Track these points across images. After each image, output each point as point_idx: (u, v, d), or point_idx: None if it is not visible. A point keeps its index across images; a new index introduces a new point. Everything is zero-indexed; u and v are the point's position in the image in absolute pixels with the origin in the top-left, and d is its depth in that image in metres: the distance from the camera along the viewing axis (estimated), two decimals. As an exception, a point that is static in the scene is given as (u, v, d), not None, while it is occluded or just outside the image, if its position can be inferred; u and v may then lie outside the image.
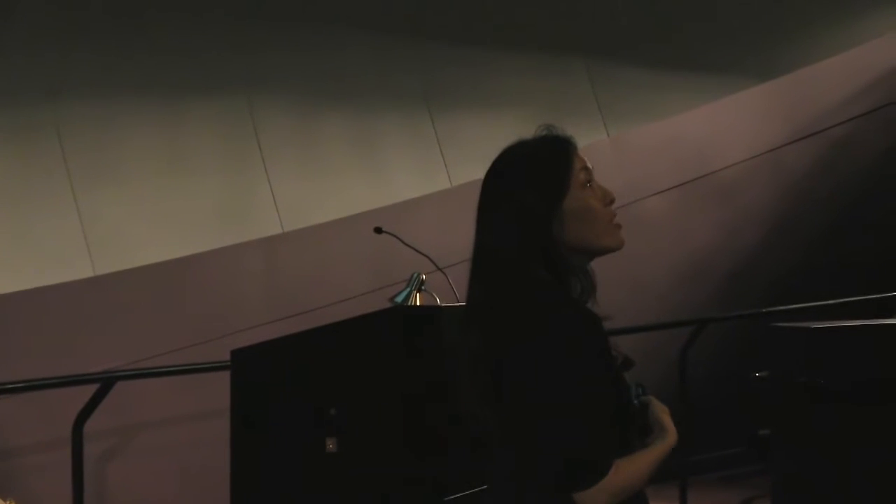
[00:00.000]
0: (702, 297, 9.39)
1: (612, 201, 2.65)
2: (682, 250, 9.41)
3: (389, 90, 8.55)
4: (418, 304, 5.63)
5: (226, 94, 8.01)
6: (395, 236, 6.03)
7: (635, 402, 2.67)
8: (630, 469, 2.50)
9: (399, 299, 5.67)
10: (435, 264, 5.82)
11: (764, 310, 8.63)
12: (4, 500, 2.59)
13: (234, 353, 5.07)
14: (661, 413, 2.69)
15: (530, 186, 2.60)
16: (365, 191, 8.34)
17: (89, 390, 6.30)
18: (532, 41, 9.14)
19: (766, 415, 6.05)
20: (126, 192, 7.68)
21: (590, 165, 2.66)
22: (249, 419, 5.07)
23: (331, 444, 5.02)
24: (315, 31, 8.38)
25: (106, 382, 6.35)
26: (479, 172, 8.90)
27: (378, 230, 6.05)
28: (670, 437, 2.65)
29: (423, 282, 5.69)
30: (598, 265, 2.60)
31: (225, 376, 4.98)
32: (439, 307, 5.33)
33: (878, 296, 8.69)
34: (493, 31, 9.04)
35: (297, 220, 8.08)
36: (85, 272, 7.49)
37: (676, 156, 9.39)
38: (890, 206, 10.29)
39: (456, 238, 8.59)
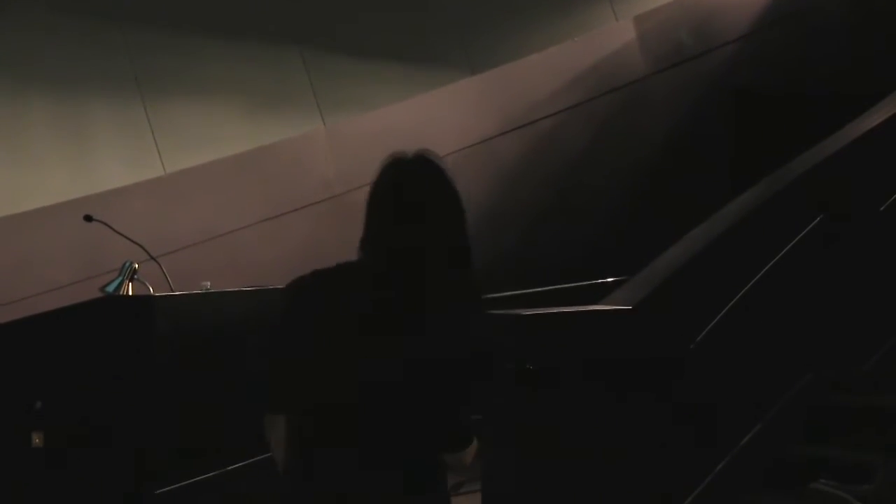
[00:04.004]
0: (416, 285, 9.51)
1: None
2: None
3: (97, 75, 8.33)
4: (130, 293, 5.54)
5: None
6: (105, 224, 5.90)
7: None
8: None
9: (110, 289, 5.57)
10: (148, 253, 5.72)
11: (475, 297, 8.81)
12: None
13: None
14: None
15: None
16: (71, 178, 8.11)
17: None
18: (248, 30, 9.08)
19: (478, 400, 6.16)
20: None
21: None
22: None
23: (37, 439, 4.89)
24: (15, 14, 8.08)
25: None
26: (195, 160, 8.81)
27: (88, 218, 5.91)
28: None
29: (135, 271, 5.60)
30: (310, 254, 2.62)
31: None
32: (153, 296, 5.25)
33: (587, 283, 8.99)
34: (207, 18, 8.93)
35: (2, 207, 7.78)
36: None
37: (390, 145, 9.34)
38: (596, 194, 10.68)
39: (171, 226, 8.50)
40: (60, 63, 8.20)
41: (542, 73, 10.35)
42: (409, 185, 2.97)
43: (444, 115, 9.85)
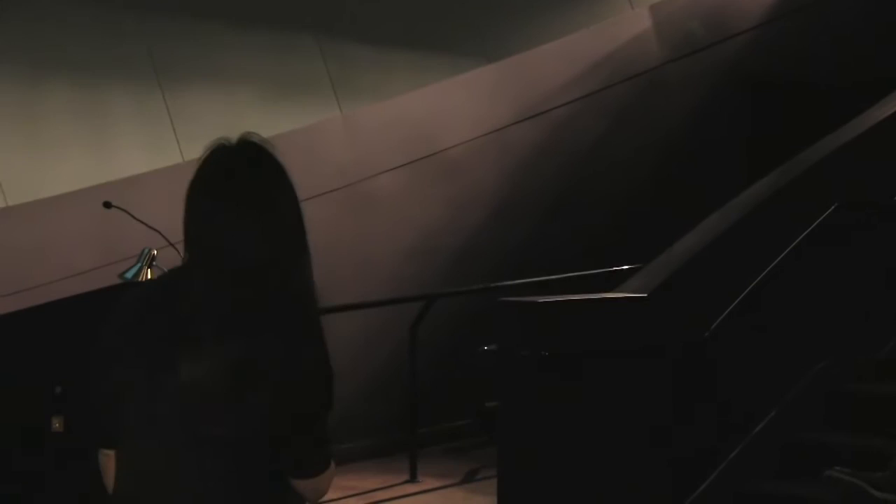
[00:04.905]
0: (430, 273, 9.57)
1: None
2: (411, 227, 9.57)
3: (116, 63, 8.38)
4: (149, 279, 5.57)
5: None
6: (125, 211, 5.94)
7: None
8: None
9: (129, 275, 5.60)
10: (167, 239, 5.75)
11: (491, 285, 8.86)
12: None
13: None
14: None
15: None
16: (90, 165, 8.15)
17: None
18: (265, 19, 9.12)
19: (494, 387, 6.20)
20: None
21: None
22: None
23: (57, 424, 4.93)
24: (34, 2, 8.14)
25: None
26: (213, 147, 8.61)
27: (107, 205, 5.96)
28: None
29: (154, 257, 5.64)
30: (326, 242, 2.58)
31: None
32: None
33: (601, 271, 9.04)
34: (225, 6, 8.97)
35: (22, 194, 7.83)
36: None
37: (406, 134, 9.53)
38: (610, 183, 10.70)
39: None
40: (80, 51, 8.24)
41: (557, 61, 10.35)
42: (235, 177, 2.57)
43: (459, 104, 9.86)
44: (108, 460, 2.63)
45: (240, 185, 2.56)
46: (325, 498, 2.69)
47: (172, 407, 2.46)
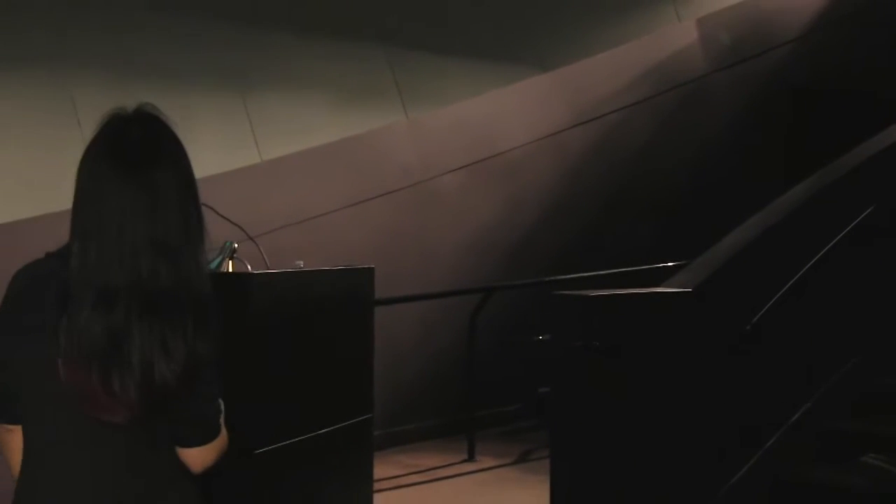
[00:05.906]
0: (489, 267, 9.81)
1: None
2: (471, 224, 9.81)
3: (200, 70, 8.57)
4: (230, 270, 5.88)
5: (40, 68, 7.90)
6: (209, 207, 6.18)
7: None
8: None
9: (212, 266, 5.91)
10: (247, 234, 6.07)
11: (546, 279, 9.12)
12: None
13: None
14: None
15: None
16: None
17: None
18: (337, 30, 9.28)
19: (548, 374, 6.36)
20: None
21: None
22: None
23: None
24: (120, 14, 8.32)
25: None
26: (289, 148, 9.03)
27: (193, 200, 6.23)
28: None
29: (235, 250, 5.92)
30: (393, 237, 2.73)
31: None
32: (251, 274, 5.59)
33: (649, 266, 9.28)
34: (300, 18, 9.14)
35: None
36: None
37: (467, 137, 9.75)
38: (658, 185, 10.93)
39: (266, 209, 8.82)
40: (164, 58, 8.41)
41: (608, 70, 10.52)
42: (125, 154, 2.42)
43: (517, 109, 10.04)
44: (9, 435, 2.50)
45: (129, 163, 2.41)
46: (390, 474, 2.59)
47: (61, 390, 2.34)
